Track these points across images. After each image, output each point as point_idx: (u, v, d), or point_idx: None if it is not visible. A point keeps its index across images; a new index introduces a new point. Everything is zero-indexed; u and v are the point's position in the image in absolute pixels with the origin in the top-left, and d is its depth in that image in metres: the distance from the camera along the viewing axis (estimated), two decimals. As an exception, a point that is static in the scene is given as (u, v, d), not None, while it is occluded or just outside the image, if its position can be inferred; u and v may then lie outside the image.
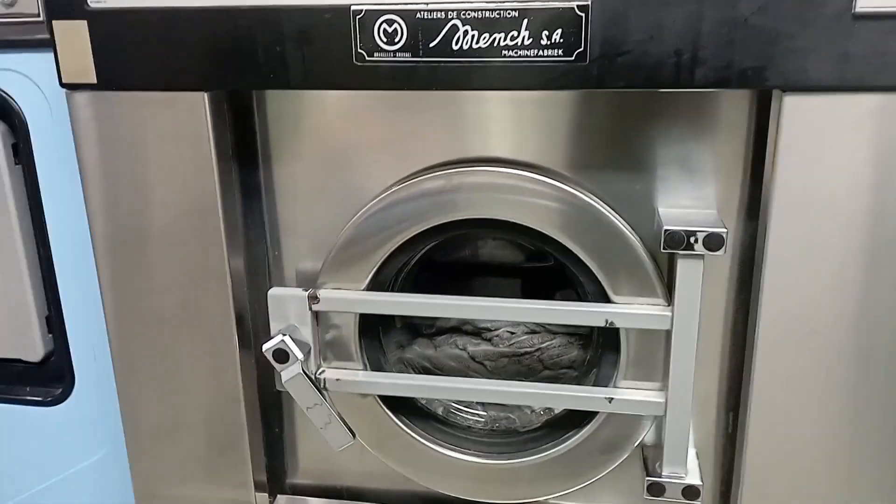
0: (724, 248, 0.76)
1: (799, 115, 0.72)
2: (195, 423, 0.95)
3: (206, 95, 0.80)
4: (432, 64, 0.74)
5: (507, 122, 0.83)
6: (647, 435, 0.89)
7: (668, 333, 0.82)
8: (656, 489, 0.87)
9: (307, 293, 0.87)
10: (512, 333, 0.97)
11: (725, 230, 0.76)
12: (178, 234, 0.87)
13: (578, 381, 0.95)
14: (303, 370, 0.87)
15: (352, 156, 0.86)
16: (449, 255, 0.99)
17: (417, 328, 1.02)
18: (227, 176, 0.86)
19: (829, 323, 0.79)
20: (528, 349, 0.96)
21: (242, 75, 0.78)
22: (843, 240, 0.76)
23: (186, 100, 0.81)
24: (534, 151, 0.83)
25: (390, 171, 0.85)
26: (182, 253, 0.87)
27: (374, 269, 0.87)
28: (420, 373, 1.00)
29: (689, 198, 0.82)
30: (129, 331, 0.92)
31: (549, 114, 0.82)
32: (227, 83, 0.80)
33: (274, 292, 0.88)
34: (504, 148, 0.83)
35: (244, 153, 0.88)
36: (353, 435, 0.92)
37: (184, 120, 0.82)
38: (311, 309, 0.87)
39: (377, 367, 0.94)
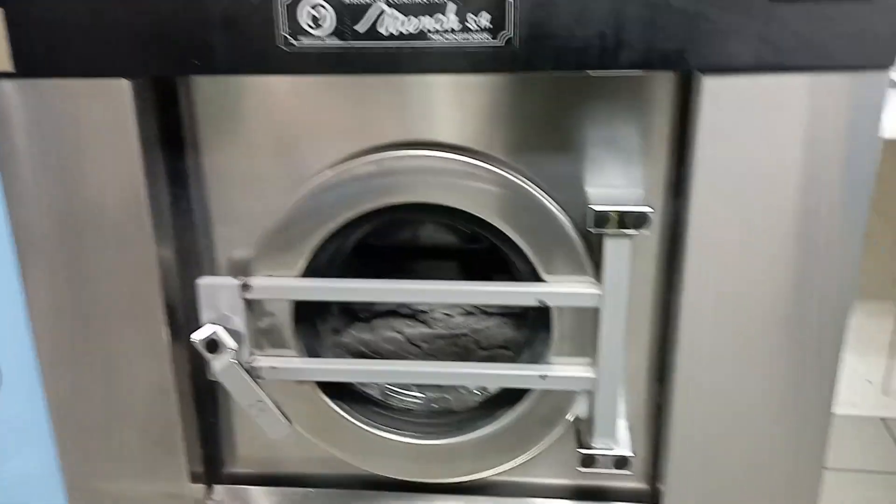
0: (649, 226, 0.78)
1: (718, 95, 0.74)
2: (127, 416, 0.93)
3: (128, 83, 0.78)
4: (360, 48, 0.74)
5: (445, 105, 0.83)
6: (580, 409, 0.92)
7: (598, 311, 0.84)
8: (588, 461, 0.89)
9: (239, 282, 0.86)
10: (448, 315, 0.98)
11: (651, 209, 0.78)
12: (103, 223, 0.84)
13: (513, 360, 0.97)
14: (236, 359, 0.86)
15: (285, 141, 0.85)
16: (386, 240, 0.99)
17: (353, 312, 1.02)
18: (154, 164, 0.84)
19: (751, 297, 0.82)
20: (464, 331, 0.97)
21: (166, 62, 0.76)
22: (765, 217, 0.79)
23: (108, 87, 0.79)
24: (471, 135, 0.83)
25: (323, 156, 0.85)
26: (108, 243, 0.85)
27: (308, 256, 0.87)
28: (357, 357, 1.00)
29: (618, 178, 0.83)
30: (55, 325, 0.90)
31: (486, 97, 0.82)
32: (150, 70, 0.78)
33: (204, 281, 0.87)
34: (442, 132, 0.83)
35: (172, 140, 0.86)
36: (290, 423, 0.92)
37: (106, 108, 0.79)
38: (243, 297, 0.86)
39: (313, 353, 0.94)
